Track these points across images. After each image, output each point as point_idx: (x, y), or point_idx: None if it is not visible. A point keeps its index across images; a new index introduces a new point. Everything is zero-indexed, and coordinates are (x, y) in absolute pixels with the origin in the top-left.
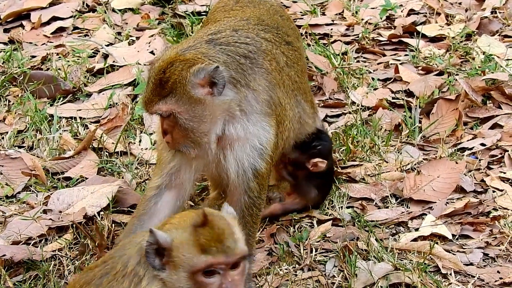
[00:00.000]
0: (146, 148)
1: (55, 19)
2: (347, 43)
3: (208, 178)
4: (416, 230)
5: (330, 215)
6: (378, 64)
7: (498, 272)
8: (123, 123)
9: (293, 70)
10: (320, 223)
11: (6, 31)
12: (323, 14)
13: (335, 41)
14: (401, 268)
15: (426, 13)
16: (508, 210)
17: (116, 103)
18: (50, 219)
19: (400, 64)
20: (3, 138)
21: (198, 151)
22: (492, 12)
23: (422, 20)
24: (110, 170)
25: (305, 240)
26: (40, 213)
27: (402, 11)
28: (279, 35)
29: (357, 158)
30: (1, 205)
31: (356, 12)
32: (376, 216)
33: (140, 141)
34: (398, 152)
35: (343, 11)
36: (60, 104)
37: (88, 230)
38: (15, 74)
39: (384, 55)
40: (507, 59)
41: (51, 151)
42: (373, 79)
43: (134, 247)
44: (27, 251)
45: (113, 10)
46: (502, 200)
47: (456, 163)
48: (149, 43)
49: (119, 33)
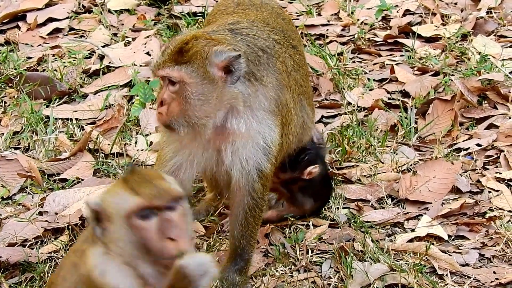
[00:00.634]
0: (142, 150)
1: (51, 20)
2: (343, 43)
3: (204, 179)
4: (412, 231)
5: (326, 216)
6: (374, 64)
7: (494, 272)
8: (119, 124)
9: (299, 74)
10: (316, 224)
11: (2, 32)
12: (319, 14)
13: (330, 41)
14: (397, 269)
15: (422, 13)
16: (504, 210)
17: (112, 104)
18: (46, 220)
19: (396, 64)
20: None
21: (188, 132)
22: (487, 12)
23: (418, 21)
24: (106, 171)
25: (301, 241)
26: (36, 214)
27: (397, 12)
28: (285, 38)
29: (353, 159)
30: None
31: (352, 12)
32: (372, 217)
33: (136, 142)
34: (394, 153)
35: (338, 12)
36: (56, 105)
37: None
38: (11, 75)
39: (379, 56)
40: (503, 59)
41: (47, 152)
42: (368, 79)
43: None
44: (23, 253)
45: (109, 11)
46: (498, 200)
47: (452, 163)
48: (145, 44)
49: (115, 34)
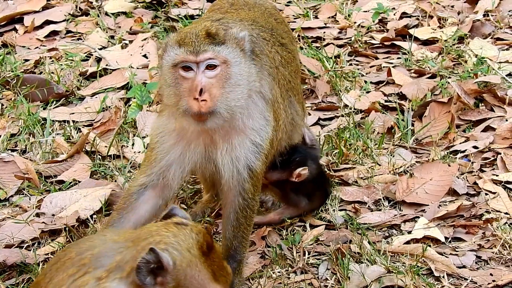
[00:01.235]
0: (139, 152)
1: (48, 22)
2: (340, 46)
3: (200, 181)
4: (409, 232)
5: (323, 218)
6: (371, 67)
7: (491, 274)
8: (116, 126)
9: (287, 70)
10: (312, 226)
11: None
12: (316, 17)
13: (327, 44)
14: (394, 271)
15: (419, 16)
16: (501, 212)
17: (109, 107)
18: (43, 222)
19: (393, 67)
20: None
21: (225, 120)
22: (484, 15)
23: (415, 23)
24: (103, 173)
25: (298, 243)
26: (33, 216)
27: (394, 14)
28: (274, 36)
29: (349, 161)
30: None
31: (349, 15)
32: (368, 219)
33: (133, 144)
34: (391, 155)
35: (335, 14)
36: (53, 108)
37: (81, 233)
38: (8, 78)
39: (376, 58)
40: (499, 62)
41: (44, 154)
42: (365, 82)
43: (102, 245)
44: (20, 254)
45: (106, 14)
46: (495, 202)
47: (449, 165)
48: (142, 46)
49: (112, 36)
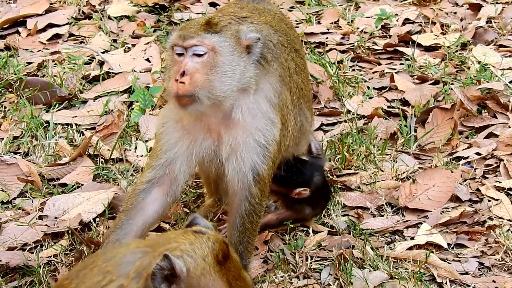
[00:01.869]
0: (142, 155)
1: (51, 26)
2: (343, 51)
3: (204, 185)
4: (412, 238)
5: (325, 223)
6: (374, 72)
7: (494, 281)
8: (118, 130)
9: (300, 77)
10: (315, 231)
11: (2, 37)
12: (319, 22)
13: (330, 49)
14: (396, 277)
15: (421, 22)
16: (504, 219)
17: (112, 110)
18: (46, 225)
19: (396, 73)
20: None
21: (209, 105)
22: (487, 22)
23: (417, 29)
24: (105, 176)
25: (300, 248)
26: (36, 219)
27: (397, 20)
28: (289, 41)
29: (352, 166)
30: None
31: (352, 21)
32: (371, 224)
33: (135, 148)
34: (394, 161)
35: (338, 20)
36: (56, 111)
37: (84, 236)
38: (11, 81)
39: (379, 64)
40: (502, 69)
41: (47, 157)
42: (368, 87)
43: (124, 252)
44: (22, 256)
45: (109, 18)
46: (498, 209)
47: (452, 172)
48: (144, 50)
49: (114, 40)
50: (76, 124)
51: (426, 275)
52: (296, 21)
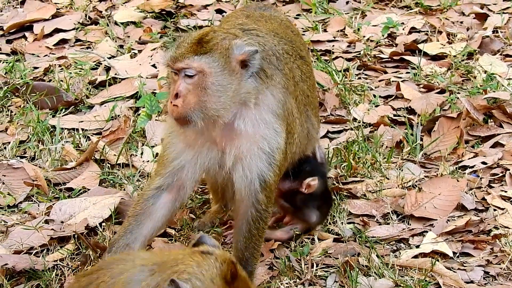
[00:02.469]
0: (148, 161)
1: (57, 31)
2: (349, 59)
3: (209, 190)
4: (417, 247)
5: (331, 230)
6: (380, 81)
7: None
8: (125, 135)
9: (306, 84)
10: (321, 238)
11: (8, 42)
12: (325, 30)
13: (336, 57)
14: (402, 285)
15: (428, 31)
16: (509, 228)
17: (118, 115)
18: (52, 229)
19: (402, 81)
20: (5, 148)
21: (204, 125)
22: (493, 32)
23: (424, 38)
24: (112, 181)
25: (306, 255)
26: (42, 223)
27: (403, 29)
28: (294, 48)
29: (358, 174)
30: (3, 214)
31: (358, 29)
32: (377, 232)
33: (142, 153)
34: (400, 169)
35: (344, 28)
36: (62, 116)
37: (90, 240)
38: (18, 85)
39: (385, 72)
40: (509, 78)
41: (53, 161)
42: (374, 96)
43: (132, 269)
44: (29, 260)
45: (115, 23)
46: (503, 218)
47: (458, 181)
48: (151, 56)
49: (121, 46)
50: (82, 129)
51: (431, 283)
52: (302, 29)
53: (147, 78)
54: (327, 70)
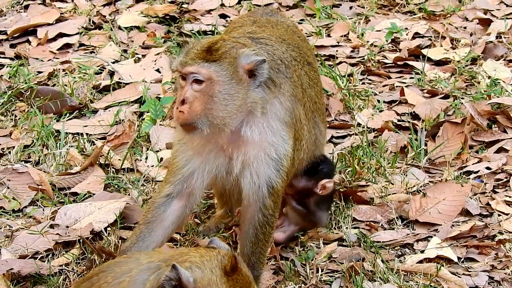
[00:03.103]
0: (153, 166)
1: (61, 35)
2: (353, 64)
3: (215, 195)
4: (422, 252)
5: (336, 235)
6: (384, 86)
7: None
8: (129, 140)
9: (313, 91)
10: (326, 243)
11: (12, 46)
12: (329, 35)
13: (340, 62)
14: None
15: (431, 36)
16: None
17: (123, 120)
18: (57, 234)
19: (406, 86)
20: (9, 153)
21: (210, 132)
22: (497, 37)
23: (427, 44)
24: (116, 186)
25: (311, 260)
26: (47, 227)
27: (407, 34)
28: (301, 55)
29: (363, 179)
30: (8, 219)
31: (362, 34)
32: (381, 237)
33: (146, 158)
34: (404, 174)
35: (348, 33)
36: (67, 120)
37: (95, 245)
38: (22, 89)
39: (389, 78)
40: None
41: (58, 166)
42: (378, 101)
43: (137, 267)
44: (34, 265)
45: (119, 28)
46: (508, 223)
47: (462, 186)
48: (155, 61)
49: (125, 50)
50: (86, 134)
51: None
52: (306, 33)
53: (151, 82)
54: (331, 75)
